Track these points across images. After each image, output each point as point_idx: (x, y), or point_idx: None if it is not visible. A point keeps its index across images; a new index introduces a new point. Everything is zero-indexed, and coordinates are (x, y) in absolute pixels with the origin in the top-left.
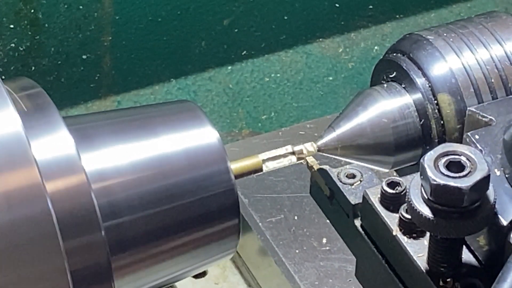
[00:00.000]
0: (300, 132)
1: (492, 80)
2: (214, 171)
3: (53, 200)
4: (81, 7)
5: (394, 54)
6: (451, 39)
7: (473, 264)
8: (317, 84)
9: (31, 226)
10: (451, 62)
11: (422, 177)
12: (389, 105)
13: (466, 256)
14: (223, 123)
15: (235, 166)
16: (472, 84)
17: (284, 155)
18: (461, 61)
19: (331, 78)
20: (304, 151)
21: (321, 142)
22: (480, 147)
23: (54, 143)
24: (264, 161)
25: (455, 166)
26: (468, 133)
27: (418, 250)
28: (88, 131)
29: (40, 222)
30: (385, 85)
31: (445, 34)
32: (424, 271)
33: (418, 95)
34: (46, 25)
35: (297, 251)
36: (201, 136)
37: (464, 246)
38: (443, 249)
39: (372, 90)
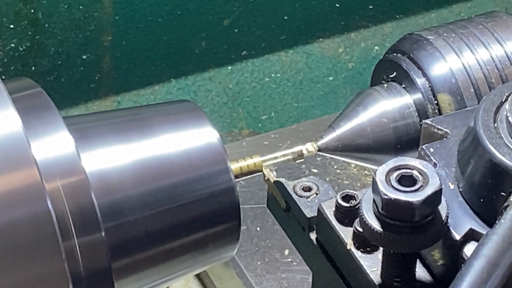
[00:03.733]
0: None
1: (492, 80)
2: (214, 171)
3: (53, 200)
4: (81, 7)
5: (394, 54)
6: (451, 39)
7: (427, 279)
8: (317, 84)
9: (31, 226)
10: (451, 62)
11: (373, 191)
12: (389, 105)
13: (421, 270)
14: (223, 123)
15: (235, 166)
16: (472, 84)
17: (284, 156)
18: (461, 61)
19: (331, 78)
20: (304, 151)
21: (321, 142)
22: (434, 160)
23: (54, 143)
24: (264, 161)
25: (407, 180)
26: (423, 146)
27: (372, 265)
28: (88, 131)
29: (40, 222)
30: (385, 85)
31: (445, 34)
32: (378, 285)
33: (418, 95)
34: (46, 25)
35: (259, 262)
36: (201, 136)
37: (418, 261)
38: (396, 263)
39: (372, 90)
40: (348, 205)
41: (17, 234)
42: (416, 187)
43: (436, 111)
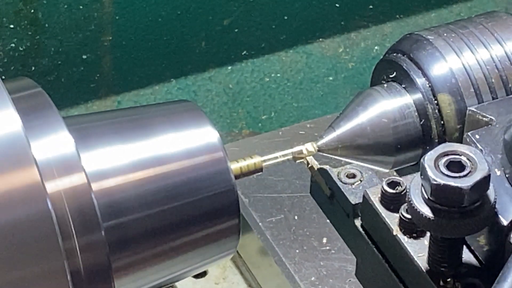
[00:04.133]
0: (300, 132)
1: (492, 80)
2: (214, 171)
3: (53, 200)
4: (81, 7)
5: (394, 54)
6: (451, 39)
7: (474, 264)
8: (317, 84)
9: (31, 226)
10: (451, 62)
11: (422, 177)
12: (389, 105)
13: (467, 256)
14: (223, 123)
15: (235, 166)
16: (472, 84)
17: (284, 156)
18: (461, 61)
19: (331, 78)
20: (304, 151)
21: (321, 142)
22: (480, 147)
23: (54, 143)
24: (264, 161)
25: (456, 166)
26: (469, 133)
27: (419, 250)
28: (88, 131)
29: (40, 222)
30: (385, 85)
31: (445, 34)
32: (425, 271)
33: (418, 95)
34: (46, 25)
35: (297, 251)
36: (201, 136)
37: (464, 246)
38: (444, 249)
39: (372, 90)
40: (394, 191)
41: (17, 234)
42: (465, 172)
43: (436, 111)
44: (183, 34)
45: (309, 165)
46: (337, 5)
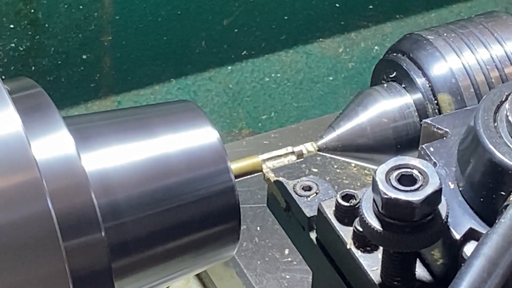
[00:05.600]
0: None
1: (492, 80)
2: (214, 171)
3: (53, 200)
4: (81, 7)
5: (394, 54)
6: (451, 39)
7: (427, 278)
8: (317, 84)
9: (31, 226)
10: (451, 62)
11: (373, 190)
12: (389, 105)
13: (420, 270)
14: (223, 123)
15: (235, 166)
16: (472, 84)
17: (284, 155)
18: (461, 61)
19: (331, 78)
20: (304, 151)
21: (321, 142)
22: (434, 160)
23: (54, 143)
24: (264, 161)
25: (407, 180)
26: (423, 146)
27: (372, 264)
28: (88, 131)
29: (40, 222)
30: (385, 85)
31: (445, 34)
32: (378, 285)
33: (418, 95)
34: (46, 25)
35: (258, 262)
36: (201, 136)
37: (418, 260)
38: (396, 263)
39: (372, 90)
40: (348, 204)
41: (17, 234)
42: (416, 186)
43: (436, 111)
44: (183, 34)
45: (265, 177)
46: (337, 5)
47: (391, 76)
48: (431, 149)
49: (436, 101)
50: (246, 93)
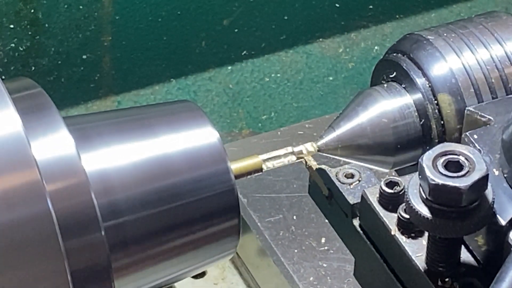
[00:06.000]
0: (300, 132)
1: (492, 80)
2: (214, 171)
3: (53, 200)
4: (81, 7)
5: (394, 54)
6: (451, 39)
7: (472, 264)
8: (317, 84)
9: (31, 226)
10: (451, 62)
11: (420, 176)
12: (389, 105)
13: (465, 255)
14: (223, 123)
15: (235, 166)
16: (472, 84)
17: (284, 155)
18: (461, 61)
19: (331, 78)
20: (304, 151)
21: (321, 142)
22: (478, 147)
23: (54, 143)
24: (264, 161)
25: (454, 166)
26: (467, 133)
27: (417, 250)
28: (88, 131)
29: (40, 222)
30: (385, 85)
31: (445, 34)
32: (423, 270)
33: (418, 95)
34: (46, 25)
35: (295, 251)
36: (201, 136)
37: (462, 246)
38: (442, 248)
39: (372, 90)
40: (392, 191)
41: (17, 234)
42: (463, 172)
43: (436, 111)
44: (183, 34)
45: (308, 165)
46: (337, 5)
47: (391, 76)
48: (475, 136)
49: (436, 101)
50: (246, 93)
